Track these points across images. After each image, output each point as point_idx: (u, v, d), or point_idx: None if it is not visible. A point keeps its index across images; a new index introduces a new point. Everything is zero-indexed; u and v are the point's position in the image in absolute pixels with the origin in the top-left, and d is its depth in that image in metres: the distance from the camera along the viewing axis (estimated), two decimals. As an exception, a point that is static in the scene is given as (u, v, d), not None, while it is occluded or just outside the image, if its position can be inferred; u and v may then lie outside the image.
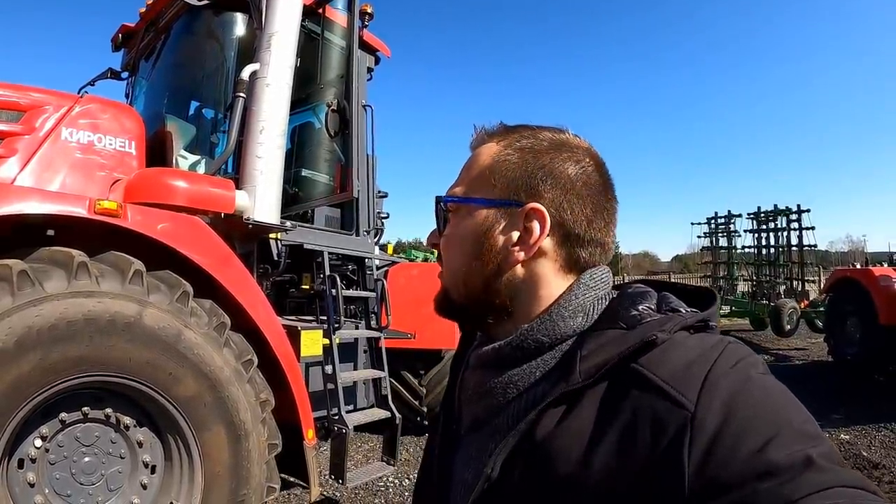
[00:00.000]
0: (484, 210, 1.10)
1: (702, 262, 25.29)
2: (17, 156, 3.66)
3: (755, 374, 0.87)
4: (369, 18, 5.90)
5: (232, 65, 5.09)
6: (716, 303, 1.07)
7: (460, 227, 1.13)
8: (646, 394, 0.88)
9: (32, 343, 2.93)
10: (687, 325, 0.98)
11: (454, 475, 1.15)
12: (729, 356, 0.89)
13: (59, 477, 3.23)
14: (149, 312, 3.35)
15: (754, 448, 0.76)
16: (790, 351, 15.91)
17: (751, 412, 0.80)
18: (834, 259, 61.71)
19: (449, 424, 1.24)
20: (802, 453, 0.75)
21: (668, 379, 0.87)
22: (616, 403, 0.91)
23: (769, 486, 0.72)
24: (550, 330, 1.05)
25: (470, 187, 1.13)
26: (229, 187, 4.24)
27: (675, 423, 0.82)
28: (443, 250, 1.16)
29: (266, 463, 3.85)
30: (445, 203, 1.15)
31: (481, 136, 1.18)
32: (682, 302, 1.05)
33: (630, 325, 0.99)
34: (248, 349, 3.88)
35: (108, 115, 4.13)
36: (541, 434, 0.96)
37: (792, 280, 19.24)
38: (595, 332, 1.02)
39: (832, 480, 0.72)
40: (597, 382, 0.94)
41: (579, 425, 0.92)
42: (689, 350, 0.92)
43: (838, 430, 8.21)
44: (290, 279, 5.73)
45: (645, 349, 0.93)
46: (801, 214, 19.09)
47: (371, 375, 5.67)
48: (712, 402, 0.82)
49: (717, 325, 1.03)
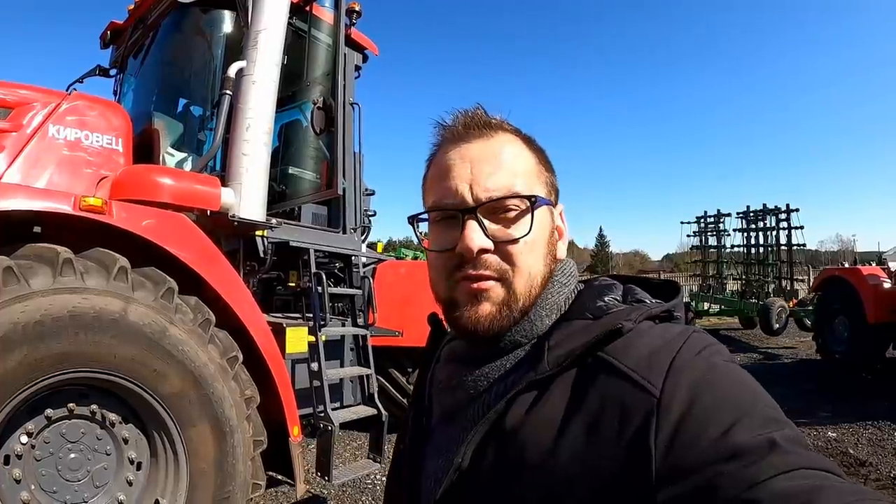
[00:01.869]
0: (546, 209, 1.11)
1: (691, 261, 25.30)
2: (4, 153, 3.66)
3: (719, 360, 0.90)
4: (357, 16, 5.90)
5: (219, 62, 5.09)
6: (679, 294, 1.10)
7: (540, 226, 1.08)
8: (612, 380, 0.91)
9: (17, 339, 2.93)
10: (652, 315, 1.01)
11: (425, 468, 1.16)
12: (693, 344, 0.92)
13: (45, 473, 3.22)
14: (134, 309, 3.35)
15: (719, 431, 0.78)
16: (779, 349, 16.01)
17: (715, 397, 0.83)
18: (823, 258, 61.92)
19: (419, 418, 1.25)
20: (767, 436, 0.77)
21: (634, 366, 0.90)
22: (584, 390, 0.93)
23: (734, 468, 0.74)
24: (528, 330, 1.08)
25: (532, 185, 1.10)
26: (215, 184, 4.24)
27: (641, 408, 0.85)
28: (522, 253, 1.05)
29: (251, 460, 3.86)
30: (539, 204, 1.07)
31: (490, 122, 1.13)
32: (646, 293, 1.09)
33: (596, 316, 1.02)
34: (232, 346, 3.88)
35: (96, 113, 4.13)
36: (510, 422, 0.98)
37: (781, 279, 19.34)
38: (563, 322, 1.05)
39: (796, 462, 0.74)
40: (564, 370, 0.97)
41: (548, 413, 0.94)
42: (654, 338, 0.94)
43: (825, 427, 8.27)
44: (276, 276, 5.75)
45: (611, 338, 0.95)
46: (790, 214, 19.18)
47: (358, 373, 5.67)
48: (677, 388, 0.84)
49: (681, 315, 1.06)
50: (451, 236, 1.06)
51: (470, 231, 1.03)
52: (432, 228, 1.14)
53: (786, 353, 15.47)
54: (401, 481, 1.24)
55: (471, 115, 1.12)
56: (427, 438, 1.20)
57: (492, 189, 1.05)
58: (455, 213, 1.06)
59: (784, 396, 9.90)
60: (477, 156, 1.08)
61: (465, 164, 1.08)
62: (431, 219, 1.14)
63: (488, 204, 1.04)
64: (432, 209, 1.12)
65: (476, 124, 1.11)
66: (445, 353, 1.26)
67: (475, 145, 1.09)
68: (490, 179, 1.05)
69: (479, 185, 1.05)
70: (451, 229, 1.07)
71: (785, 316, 16.63)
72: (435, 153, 1.16)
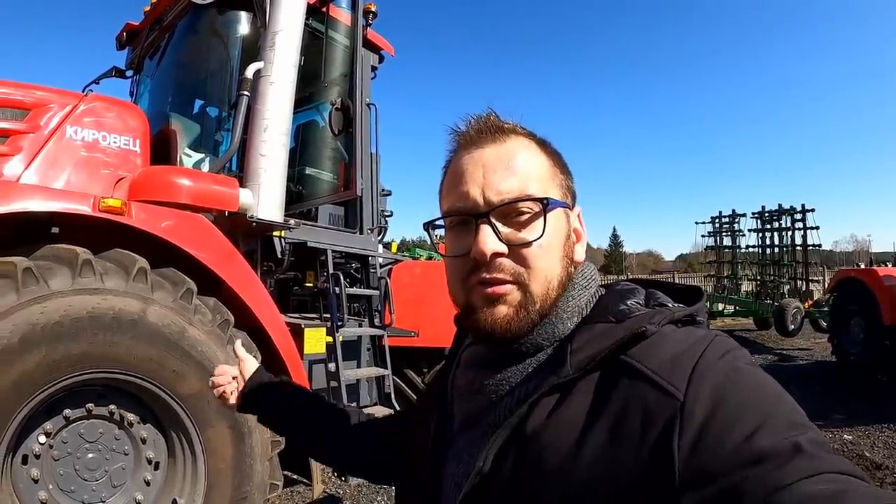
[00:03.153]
0: (562, 212, 1.11)
1: (706, 262, 25.19)
2: (22, 154, 3.67)
3: (743, 364, 0.89)
4: (373, 17, 5.92)
5: (236, 63, 5.10)
6: (702, 299, 1.09)
7: (555, 229, 1.08)
8: (636, 384, 0.90)
9: (37, 340, 2.95)
10: (675, 319, 1.00)
11: (446, 472, 1.15)
12: (716, 348, 0.92)
13: (63, 473, 3.25)
14: (153, 310, 3.37)
15: (743, 436, 0.77)
16: (794, 351, 15.88)
17: (739, 401, 0.82)
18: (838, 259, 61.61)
19: (441, 423, 1.24)
20: (791, 440, 0.76)
21: (658, 370, 0.89)
22: (606, 394, 0.93)
23: (758, 473, 0.74)
24: (549, 333, 1.07)
25: (546, 188, 1.09)
26: (233, 185, 4.25)
27: (664, 412, 0.84)
28: (537, 255, 1.05)
29: (269, 460, 3.87)
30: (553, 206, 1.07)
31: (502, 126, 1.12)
32: (669, 298, 1.08)
33: (619, 319, 1.01)
34: (251, 346, 3.88)
35: (113, 114, 4.13)
36: (532, 426, 0.97)
37: (796, 280, 19.18)
38: (585, 326, 1.04)
39: (821, 466, 0.73)
40: (587, 374, 0.96)
41: (570, 416, 0.94)
42: (678, 342, 0.94)
43: (841, 430, 8.18)
44: (293, 277, 5.74)
45: (634, 341, 0.95)
46: (805, 214, 19.00)
47: (374, 373, 5.68)
48: (701, 392, 0.84)
49: (704, 320, 1.05)
50: (465, 241, 1.06)
51: (483, 235, 1.03)
52: (448, 234, 1.14)
53: (801, 354, 15.35)
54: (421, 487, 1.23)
55: (483, 121, 1.12)
56: (449, 443, 1.19)
57: (504, 192, 1.05)
58: (469, 218, 1.06)
59: (799, 398, 9.60)
60: (489, 160, 1.08)
61: (477, 169, 1.07)
62: (447, 225, 1.14)
63: (501, 207, 1.04)
64: (446, 215, 1.13)
65: (488, 129, 1.11)
66: (465, 357, 1.25)
67: (488, 150, 1.09)
68: (503, 183, 1.05)
69: (492, 189, 1.05)
70: (465, 234, 1.07)
71: (800, 317, 16.51)
72: (449, 160, 1.16)
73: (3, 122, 3.68)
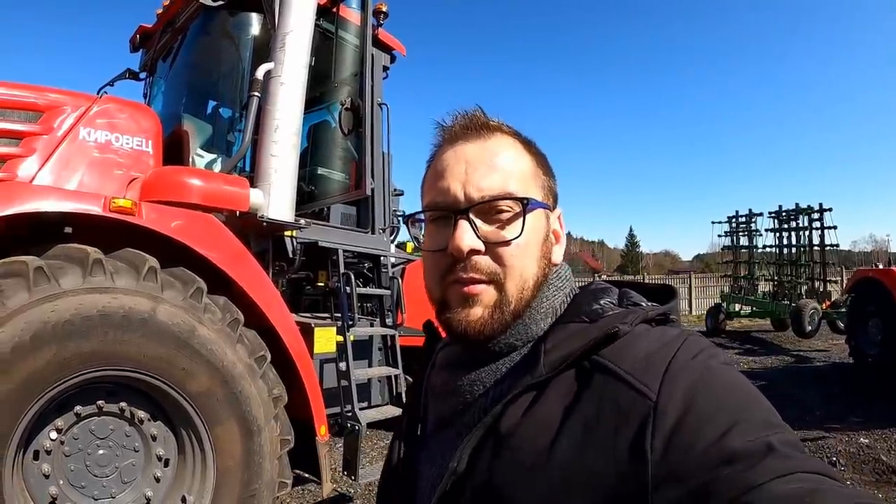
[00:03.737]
0: (542, 212, 1.10)
1: (723, 262, 24.96)
2: (36, 155, 3.72)
3: (716, 364, 0.89)
4: (384, 17, 5.94)
5: (247, 64, 5.13)
6: (675, 298, 1.09)
7: (533, 230, 1.07)
8: (609, 384, 0.90)
9: (48, 338, 2.99)
10: (648, 319, 1.00)
11: (420, 473, 1.15)
12: (690, 347, 0.92)
13: (74, 469, 3.30)
14: (163, 308, 3.41)
15: (716, 435, 0.77)
16: (811, 352, 15.70)
17: (712, 401, 0.82)
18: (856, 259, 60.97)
19: (414, 425, 1.24)
20: (764, 440, 0.76)
21: (631, 369, 0.90)
22: (580, 394, 0.93)
23: (731, 472, 0.74)
24: (522, 333, 1.07)
25: (527, 188, 1.08)
26: (244, 185, 4.28)
27: (637, 412, 0.84)
28: (514, 255, 1.04)
29: (278, 458, 3.90)
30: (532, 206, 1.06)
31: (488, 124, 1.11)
32: (642, 297, 1.08)
33: (592, 319, 1.01)
34: (261, 345, 3.92)
35: (126, 115, 4.18)
36: (506, 425, 0.97)
37: (814, 280, 18.93)
38: (559, 325, 1.04)
39: (793, 466, 0.73)
40: (561, 374, 0.97)
41: (544, 416, 0.94)
42: (651, 342, 0.94)
43: (857, 432, 8.00)
44: (305, 276, 5.77)
45: (607, 341, 0.95)
46: (823, 213, 18.73)
47: (386, 373, 5.70)
48: (674, 392, 0.84)
49: (677, 319, 1.05)
50: (444, 236, 1.05)
51: (461, 231, 1.02)
52: (427, 228, 1.14)
53: (818, 355, 15.15)
54: (396, 491, 1.24)
55: (469, 117, 1.12)
56: (422, 445, 1.19)
57: (485, 189, 1.04)
58: (448, 213, 1.06)
59: (815, 400, 9.77)
60: (472, 157, 1.07)
61: (460, 165, 1.07)
62: (427, 219, 1.14)
63: (480, 205, 1.04)
64: (426, 209, 1.12)
65: (474, 126, 1.11)
66: (440, 359, 1.25)
67: (471, 146, 1.09)
68: (484, 180, 1.05)
69: (473, 186, 1.05)
70: (444, 230, 1.06)
71: (817, 318, 16.31)
72: (433, 154, 1.16)
73: (17, 124, 3.73)
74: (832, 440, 7.68)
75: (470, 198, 1.04)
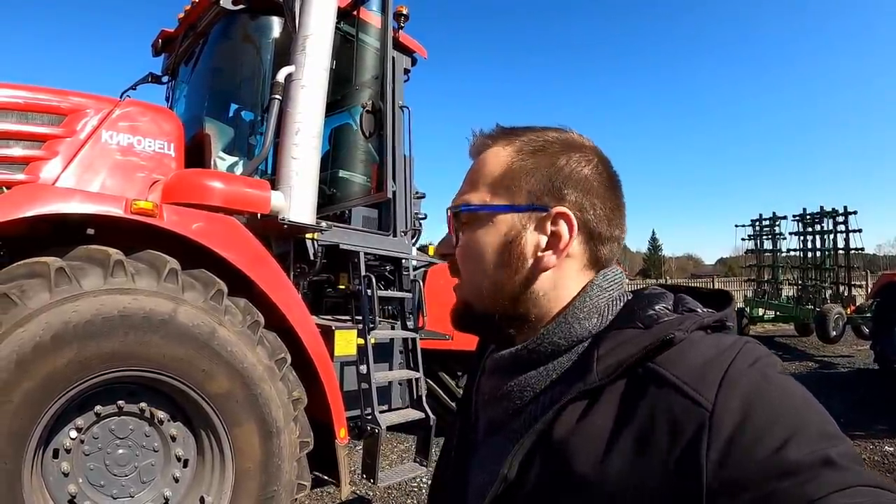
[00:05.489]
0: (508, 216, 1.08)
1: (746, 266, 24.74)
2: (59, 157, 3.77)
3: (773, 373, 0.86)
4: (405, 20, 5.95)
5: (268, 67, 5.17)
6: (731, 304, 1.05)
7: (482, 235, 1.09)
8: (663, 392, 0.88)
9: (69, 338, 3.02)
10: (704, 325, 0.97)
11: (470, 480, 1.14)
12: (746, 355, 0.89)
13: (93, 468, 3.32)
14: (183, 310, 3.42)
15: (773, 447, 0.75)
16: (835, 358, 15.47)
17: (769, 411, 0.80)
18: (882, 263, 60.12)
19: (465, 430, 1.24)
20: (822, 453, 0.74)
21: (686, 377, 0.87)
22: (634, 402, 0.91)
23: (789, 486, 0.72)
24: (566, 332, 1.05)
25: (487, 194, 1.10)
26: (265, 188, 4.30)
27: (693, 421, 0.82)
28: (461, 261, 1.12)
29: (297, 460, 3.90)
30: (463, 212, 1.10)
31: (482, 142, 1.16)
32: (697, 303, 1.05)
33: (647, 325, 0.98)
34: (281, 347, 3.93)
35: (148, 118, 4.22)
36: (558, 433, 0.95)
37: (838, 284, 18.68)
38: (612, 331, 1.02)
39: (852, 480, 0.72)
40: (614, 381, 0.94)
41: (597, 424, 0.92)
42: (707, 349, 0.91)
43: (882, 441, 7.88)
44: (326, 279, 5.79)
45: (662, 348, 0.93)
46: (848, 216, 18.48)
47: (406, 376, 5.68)
48: (730, 401, 0.82)
49: (733, 325, 1.03)
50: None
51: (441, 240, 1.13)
52: None
53: (842, 361, 14.93)
54: (446, 495, 1.24)
55: (474, 139, 1.19)
56: (473, 452, 1.18)
57: (453, 202, 1.15)
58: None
59: (839, 407, 9.55)
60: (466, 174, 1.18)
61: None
62: None
63: (449, 216, 1.15)
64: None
65: (475, 148, 1.19)
66: (489, 363, 1.22)
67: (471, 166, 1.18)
68: (457, 194, 1.15)
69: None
70: None
71: (842, 323, 16.14)
72: None
73: (41, 127, 3.78)
74: (856, 448, 7.42)
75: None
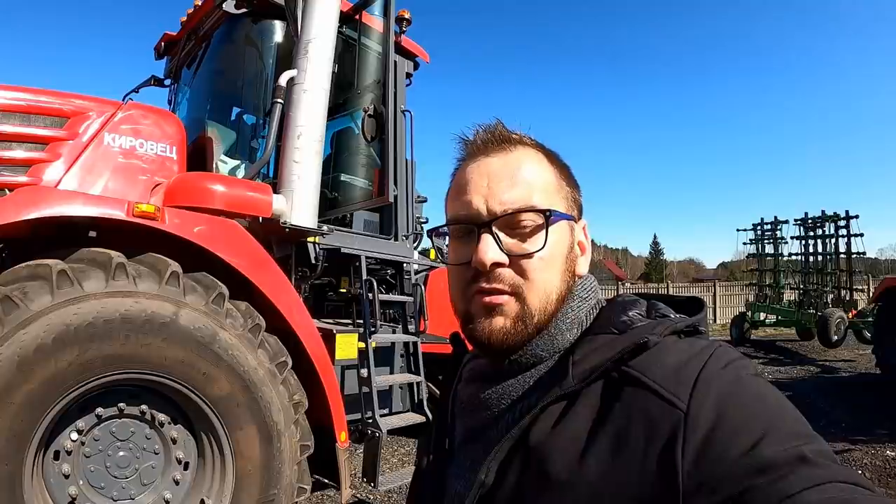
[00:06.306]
0: (566, 224, 1.10)
1: (748, 270, 24.71)
2: (61, 160, 3.78)
3: (746, 375, 0.88)
4: (407, 24, 5.98)
5: (270, 71, 5.18)
6: (703, 310, 1.08)
7: (558, 243, 1.07)
8: (639, 395, 0.89)
9: (70, 340, 3.02)
10: (676, 330, 0.99)
11: (448, 489, 1.15)
12: (719, 358, 0.91)
13: (94, 470, 3.33)
14: (184, 313, 3.43)
15: (748, 446, 0.77)
16: (837, 362, 15.49)
17: (743, 411, 0.81)
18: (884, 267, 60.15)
19: (441, 439, 1.23)
20: (796, 450, 0.76)
21: (661, 380, 0.89)
22: (609, 405, 0.92)
23: (764, 482, 0.73)
24: (549, 344, 1.07)
25: (551, 200, 1.08)
26: (267, 191, 4.31)
27: (668, 422, 0.84)
28: (539, 270, 1.04)
29: (297, 464, 3.90)
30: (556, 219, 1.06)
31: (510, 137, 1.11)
32: (670, 309, 1.07)
33: (621, 330, 1.00)
34: (282, 351, 3.93)
35: (150, 121, 4.24)
36: (535, 438, 0.97)
37: (840, 289, 18.67)
38: (588, 337, 1.04)
39: (826, 476, 0.73)
40: (590, 385, 0.96)
41: (573, 427, 0.93)
42: (680, 352, 0.93)
43: (884, 445, 7.87)
44: (328, 282, 5.79)
45: (636, 352, 0.94)
46: (849, 220, 18.49)
47: (407, 380, 5.69)
48: (704, 402, 0.83)
49: (705, 330, 1.04)
50: (467, 250, 1.06)
51: (484, 245, 1.02)
52: (451, 242, 1.14)
53: (844, 366, 14.95)
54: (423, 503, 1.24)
55: (490, 131, 1.12)
56: (450, 459, 1.19)
57: (507, 203, 1.04)
58: (471, 227, 1.06)
59: (841, 412, 9.62)
60: (495, 170, 1.07)
61: (482, 179, 1.07)
62: (451, 233, 1.14)
63: (503, 218, 1.04)
64: (450, 223, 1.12)
65: (495, 139, 1.11)
66: (467, 372, 1.25)
67: (494, 160, 1.09)
68: (506, 193, 1.05)
69: (495, 199, 1.05)
70: (467, 243, 1.07)
71: (844, 327, 16.15)
72: (456, 168, 1.16)
73: (43, 130, 3.79)
74: (858, 453, 7.58)
75: (492, 211, 1.04)
